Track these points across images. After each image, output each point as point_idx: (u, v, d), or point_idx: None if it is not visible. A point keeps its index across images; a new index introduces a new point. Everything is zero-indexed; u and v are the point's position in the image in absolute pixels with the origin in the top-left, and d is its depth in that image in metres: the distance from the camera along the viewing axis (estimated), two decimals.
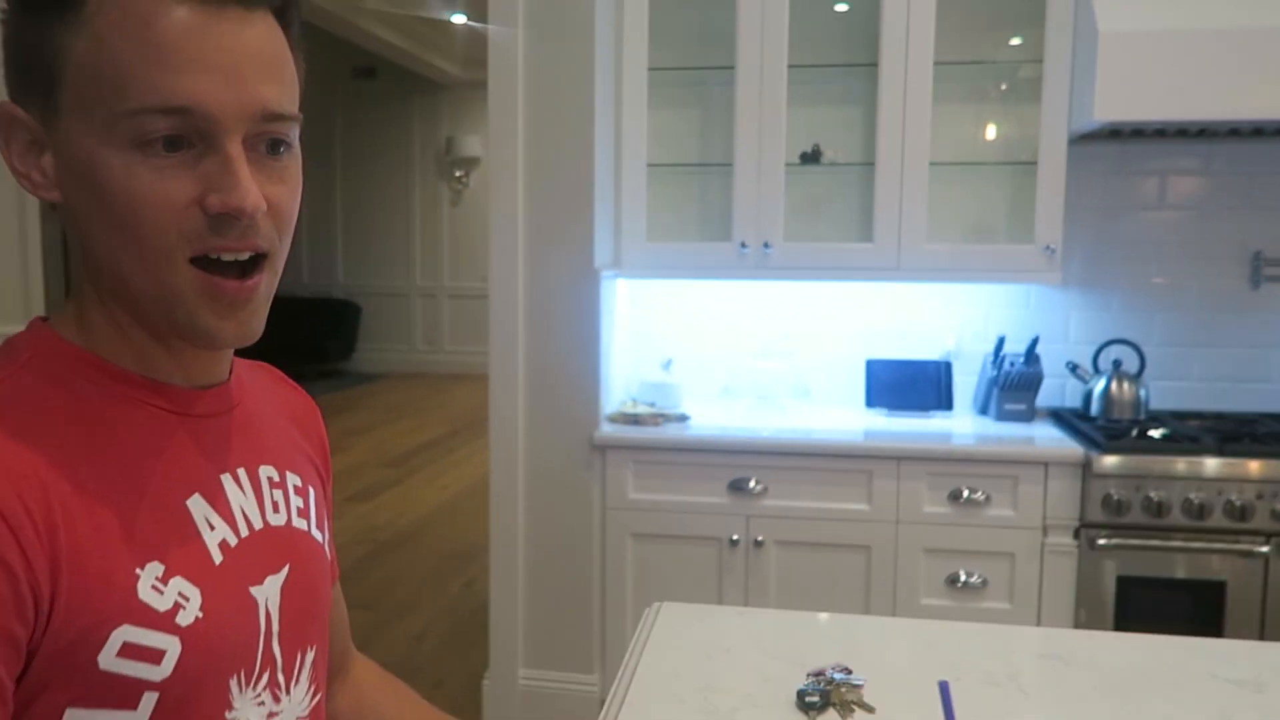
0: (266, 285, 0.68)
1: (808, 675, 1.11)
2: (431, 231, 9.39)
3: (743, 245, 2.65)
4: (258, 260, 0.67)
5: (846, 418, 2.74)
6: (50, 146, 0.65)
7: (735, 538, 2.50)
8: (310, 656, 0.77)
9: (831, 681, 1.08)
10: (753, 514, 2.50)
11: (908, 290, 2.86)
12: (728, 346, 2.96)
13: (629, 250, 2.72)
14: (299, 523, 0.78)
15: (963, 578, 2.43)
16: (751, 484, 2.49)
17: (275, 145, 0.67)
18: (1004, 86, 2.76)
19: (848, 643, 1.23)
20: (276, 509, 0.76)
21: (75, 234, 0.68)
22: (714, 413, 2.77)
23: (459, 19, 7.22)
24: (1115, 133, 2.60)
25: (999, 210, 2.79)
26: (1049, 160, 2.54)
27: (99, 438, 0.65)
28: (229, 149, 0.63)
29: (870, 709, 1.04)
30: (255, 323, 0.68)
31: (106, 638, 0.61)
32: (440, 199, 9.35)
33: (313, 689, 0.78)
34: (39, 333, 0.69)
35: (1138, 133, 2.63)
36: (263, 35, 0.65)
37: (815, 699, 1.05)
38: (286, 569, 0.75)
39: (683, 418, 2.66)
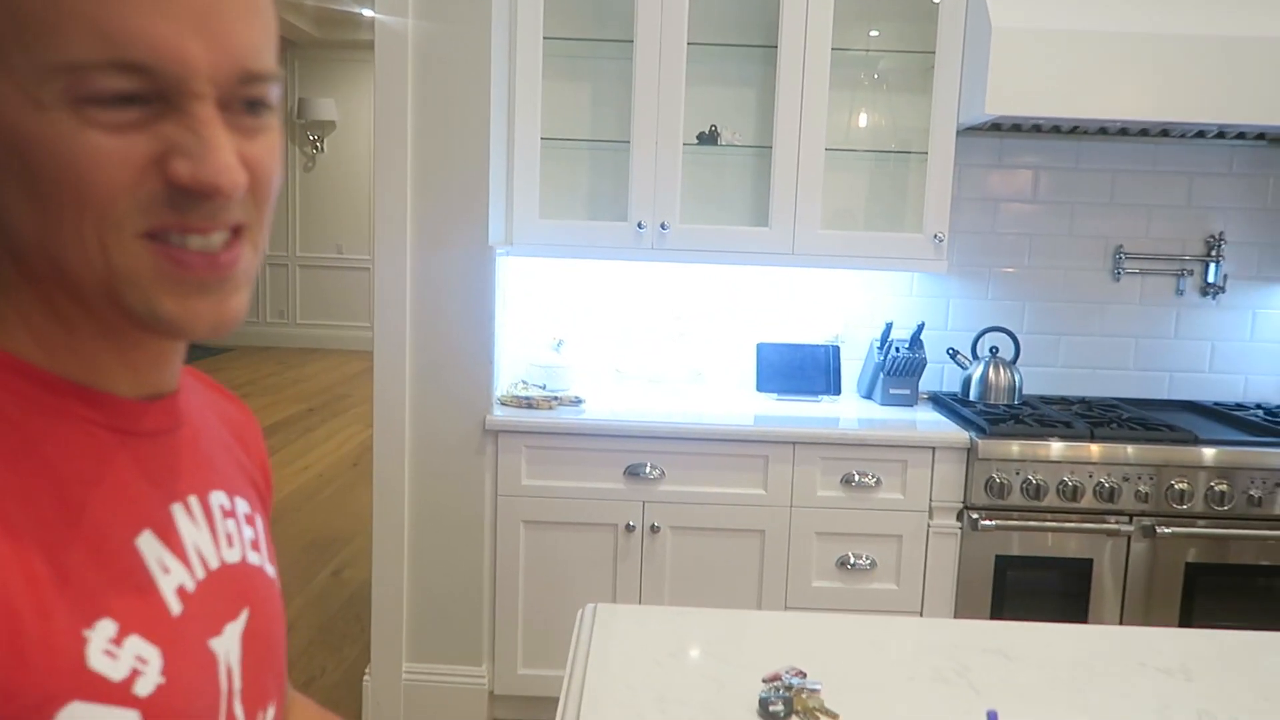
0: (246, 261, 0.54)
1: (764, 681, 1.08)
2: (280, 198, 8.88)
3: (639, 225, 2.60)
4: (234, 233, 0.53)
5: (739, 401, 2.74)
6: None
7: (631, 524, 2.47)
8: (270, 716, 0.66)
9: (790, 687, 1.05)
10: (649, 500, 2.47)
11: (796, 274, 2.89)
12: (619, 327, 2.91)
13: (521, 227, 2.62)
14: (253, 557, 0.67)
15: (852, 560, 2.48)
16: (648, 469, 2.45)
17: (254, 105, 0.53)
18: (896, 76, 2.81)
19: (793, 643, 1.20)
20: (230, 542, 0.64)
21: None
22: (607, 396, 2.71)
23: None
24: (996, 126, 2.69)
25: (887, 198, 2.84)
26: (938, 151, 2.60)
27: (23, 463, 0.51)
28: (199, 112, 0.50)
29: (834, 715, 1.02)
30: (234, 306, 0.54)
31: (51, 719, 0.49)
32: (292, 164, 8.86)
33: None
34: None
35: (1015, 127, 2.72)
36: None
37: (779, 707, 1.01)
38: (245, 614, 0.63)
39: (577, 401, 2.60)
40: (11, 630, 0.47)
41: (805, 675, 1.08)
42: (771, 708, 1.01)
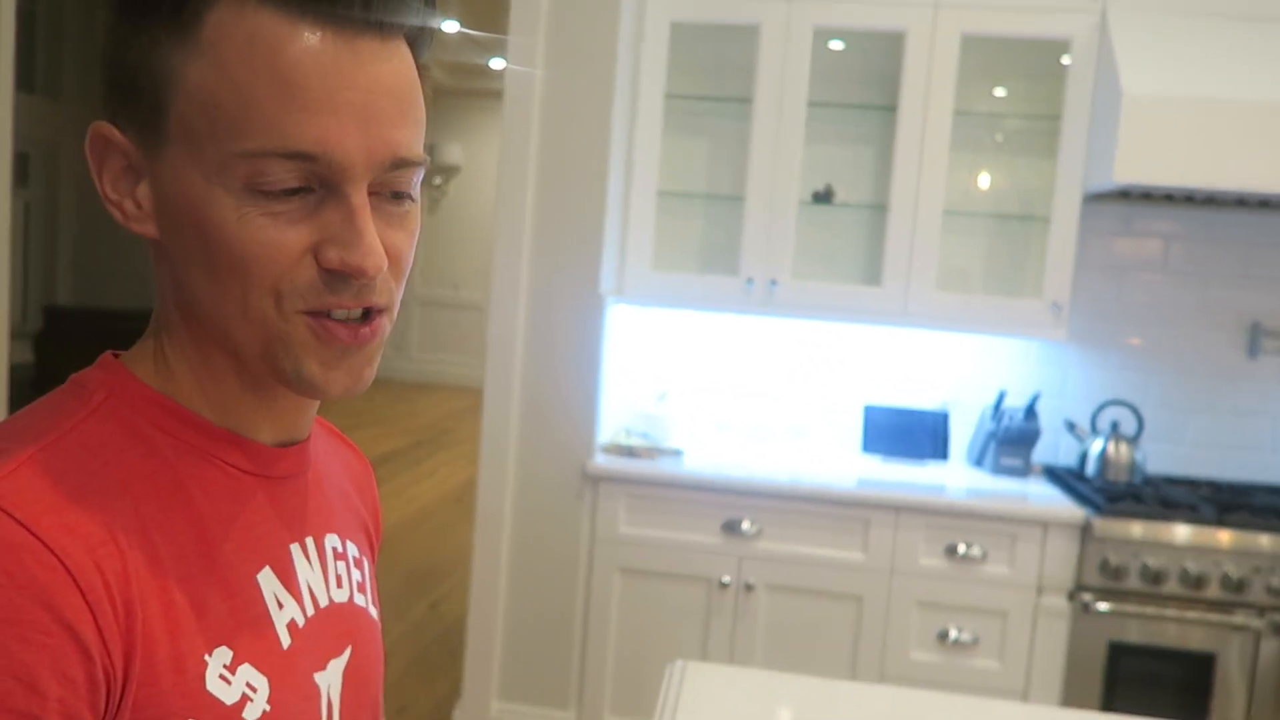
0: (382, 333, 0.61)
1: None
2: None
3: (749, 281, 2.61)
4: (373, 311, 0.60)
5: (842, 462, 2.70)
6: (148, 176, 0.58)
7: (726, 579, 2.44)
8: None
9: None
10: (745, 556, 2.44)
11: (907, 336, 2.84)
12: (723, 381, 2.91)
13: (633, 277, 2.66)
14: (359, 599, 0.71)
15: (954, 634, 2.39)
16: (745, 525, 2.43)
17: (399, 192, 0.59)
18: (1019, 138, 2.76)
19: (882, 716, 1.17)
20: (340, 583, 0.69)
21: (169, 271, 0.60)
22: (709, 449, 2.71)
23: (451, 26, 7.15)
24: (1124, 193, 2.60)
25: (1005, 262, 2.77)
26: (1061, 217, 2.53)
27: (173, 499, 0.58)
28: (353, 198, 0.56)
29: None
30: (367, 372, 0.61)
31: None
32: (422, 205, 9.21)
33: None
34: (113, 371, 0.61)
35: (1145, 195, 2.63)
36: (397, 70, 0.57)
37: None
38: (348, 652, 0.68)
39: (677, 452, 2.60)
40: (148, 650, 0.53)
41: None
42: None
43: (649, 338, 2.92)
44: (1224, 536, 2.26)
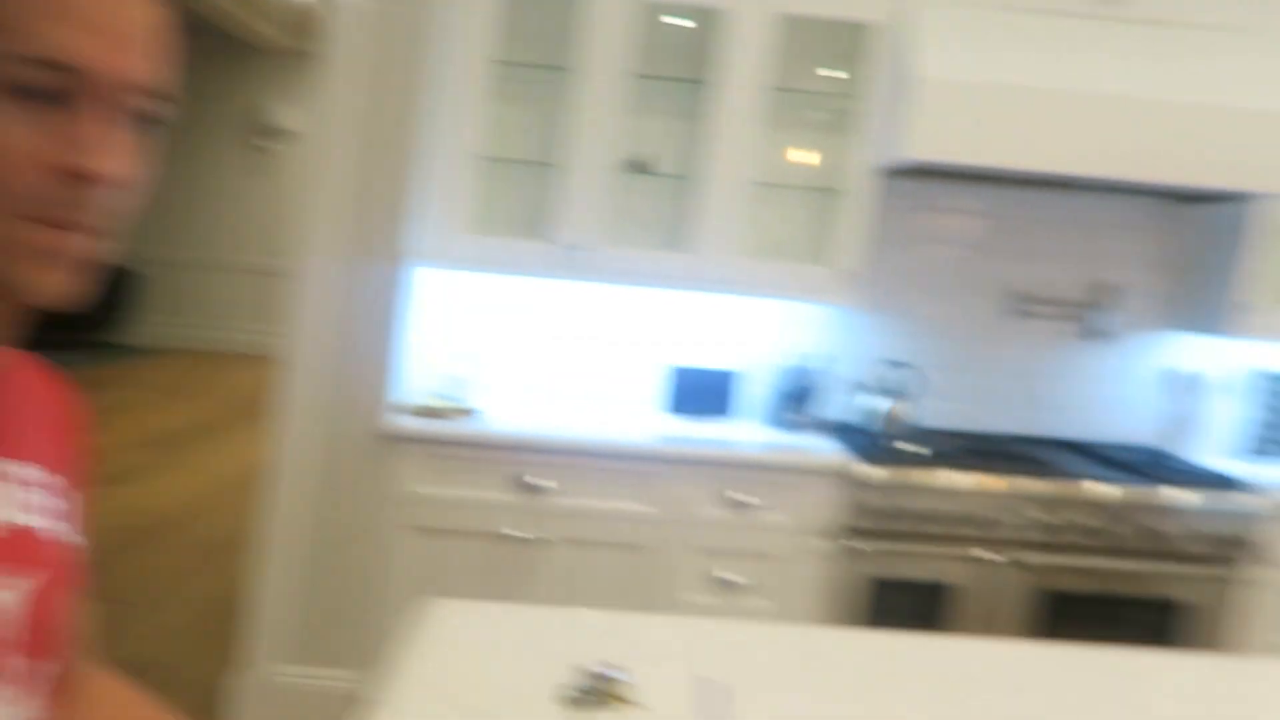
0: (90, 249, 0.63)
1: (577, 673, 1.10)
2: (232, 203, 8.79)
3: (561, 245, 2.63)
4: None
5: (640, 420, 2.78)
6: None
7: (519, 534, 2.48)
8: (47, 673, 0.69)
9: (601, 678, 1.08)
10: (538, 512, 2.49)
11: (710, 300, 2.94)
12: (533, 344, 2.93)
13: (444, 241, 2.63)
14: (52, 526, 0.70)
15: (731, 578, 2.51)
16: (539, 481, 2.47)
17: (141, 119, 0.64)
18: (823, 116, 2.89)
19: (618, 640, 1.23)
20: (27, 509, 0.68)
21: None
22: (510, 410, 2.74)
23: None
24: (923, 171, 2.77)
25: (806, 232, 2.91)
26: (856, 190, 2.67)
27: None
28: (101, 112, 0.60)
29: (639, 705, 1.05)
30: (74, 282, 0.63)
31: None
32: (247, 170, 8.77)
33: (45, 711, 0.70)
34: None
35: (943, 174, 2.81)
36: (148, 9, 0.63)
37: (582, 696, 1.04)
38: (34, 575, 0.67)
39: (479, 413, 2.61)
40: None
41: (619, 669, 1.11)
42: (575, 696, 1.04)
43: (459, 301, 2.91)
44: (974, 480, 2.47)
